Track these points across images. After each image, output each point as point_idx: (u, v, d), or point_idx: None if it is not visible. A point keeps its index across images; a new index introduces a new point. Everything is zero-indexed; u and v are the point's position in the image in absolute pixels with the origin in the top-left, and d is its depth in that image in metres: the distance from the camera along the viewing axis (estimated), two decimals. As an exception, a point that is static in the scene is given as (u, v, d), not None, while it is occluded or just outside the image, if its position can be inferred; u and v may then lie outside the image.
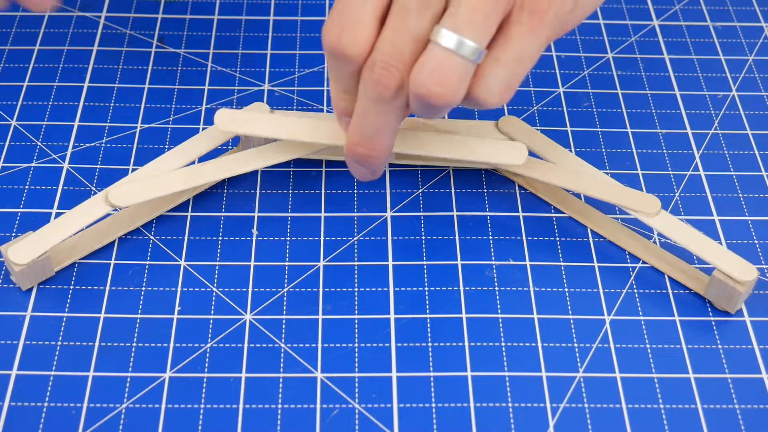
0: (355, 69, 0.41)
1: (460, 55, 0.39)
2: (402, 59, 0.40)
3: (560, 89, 0.58)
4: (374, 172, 0.45)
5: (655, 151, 0.55)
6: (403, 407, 0.44)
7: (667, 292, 0.48)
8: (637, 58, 0.60)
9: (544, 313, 0.47)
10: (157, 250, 0.49)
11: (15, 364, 0.44)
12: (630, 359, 0.46)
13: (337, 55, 0.41)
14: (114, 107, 0.55)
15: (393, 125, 0.42)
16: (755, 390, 0.45)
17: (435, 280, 0.48)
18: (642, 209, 0.48)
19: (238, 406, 0.43)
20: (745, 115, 0.57)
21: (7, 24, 0.60)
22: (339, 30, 0.40)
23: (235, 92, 0.57)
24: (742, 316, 0.47)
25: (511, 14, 0.40)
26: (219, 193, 0.52)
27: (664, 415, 0.44)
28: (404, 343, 0.46)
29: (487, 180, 0.53)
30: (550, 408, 0.44)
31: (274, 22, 0.61)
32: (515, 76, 0.40)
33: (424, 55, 0.39)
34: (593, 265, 0.49)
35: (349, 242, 0.50)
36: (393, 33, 0.40)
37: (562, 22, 0.41)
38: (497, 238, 0.50)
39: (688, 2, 0.64)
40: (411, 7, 0.39)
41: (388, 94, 0.40)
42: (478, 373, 0.45)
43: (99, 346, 0.45)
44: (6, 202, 0.50)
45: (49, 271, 0.47)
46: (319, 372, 0.45)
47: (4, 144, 0.53)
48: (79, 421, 0.42)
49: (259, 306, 0.47)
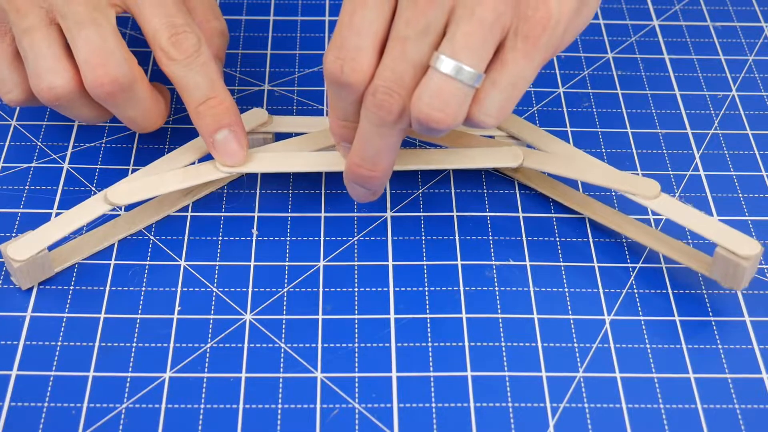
0: (357, 97, 0.43)
1: (459, 80, 0.40)
2: (403, 84, 0.41)
3: (560, 89, 0.58)
4: (374, 193, 0.47)
5: (655, 151, 0.55)
6: (403, 407, 0.44)
7: (667, 292, 0.48)
8: (637, 58, 0.60)
9: (544, 313, 0.47)
10: (157, 250, 0.49)
11: (15, 364, 0.44)
12: (630, 359, 0.46)
13: (340, 84, 0.42)
14: (114, 107, 0.55)
15: (394, 147, 0.44)
16: (755, 390, 0.45)
17: (435, 280, 0.48)
18: (641, 192, 0.47)
19: (238, 406, 0.43)
20: (745, 115, 0.57)
21: (7, 24, 0.60)
22: (341, 60, 0.41)
23: (235, 92, 0.57)
24: (742, 316, 0.47)
25: (506, 39, 0.41)
26: (219, 193, 0.52)
27: (664, 415, 0.44)
28: (404, 343, 0.46)
29: (487, 180, 0.53)
30: (550, 408, 0.44)
31: (274, 22, 0.61)
32: (511, 99, 0.42)
33: (424, 81, 0.41)
34: (593, 265, 0.49)
35: (349, 242, 0.50)
36: (393, 60, 0.41)
37: (555, 45, 0.42)
38: (497, 238, 0.50)
39: (688, 2, 0.64)
40: (410, 35, 0.41)
41: (390, 119, 0.42)
42: (478, 373, 0.45)
43: (99, 346, 0.45)
44: (6, 202, 0.50)
45: (48, 270, 0.47)
46: (319, 372, 0.45)
47: (4, 144, 0.53)
48: (79, 421, 0.43)
49: (259, 306, 0.47)
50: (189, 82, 0.47)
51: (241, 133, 0.48)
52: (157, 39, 0.47)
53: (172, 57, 0.47)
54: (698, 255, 0.48)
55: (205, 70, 0.47)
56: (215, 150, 0.48)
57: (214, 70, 0.48)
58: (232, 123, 0.48)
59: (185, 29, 0.47)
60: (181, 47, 0.47)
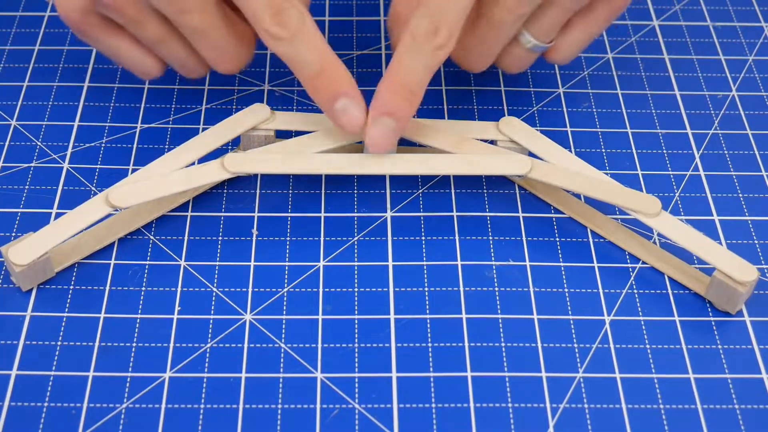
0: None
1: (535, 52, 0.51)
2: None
3: (560, 89, 0.58)
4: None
5: (655, 151, 0.55)
6: (403, 407, 0.44)
7: (667, 292, 0.48)
8: (637, 58, 0.60)
9: (544, 313, 0.47)
10: (157, 250, 0.49)
11: (15, 364, 0.44)
12: (630, 359, 0.46)
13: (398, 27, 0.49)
14: (114, 107, 0.55)
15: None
16: (755, 390, 0.45)
17: (435, 280, 0.48)
18: (642, 210, 0.48)
19: (238, 406, 0.43)
20: (745, 115, 0.57)
21: (7, 24, 0.60)
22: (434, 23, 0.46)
23: (235, 92, 0.57)
24: (742, 316, 0.47)
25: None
26: (219, 193, 0.52)
27: (664, 416, 0.44)
28: (404, 343, 0.46)
29: (487, 180, 0.53)
30: (550, 408, 0.44)
31: (274, 22, 0.61)
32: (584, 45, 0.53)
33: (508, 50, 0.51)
34: (593, 265, 0.49)
35: (349, 242, 0.50)
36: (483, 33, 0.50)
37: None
38: (497, 238, 0.50)
39: (688, 2, 0.64)
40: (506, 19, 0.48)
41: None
42: (478, 373, 0.45)
43: (99, 346, 0.45)
44: (6, 202, 0.50)
45: (49, 271, 0.47)
46: (319, 372, 0.45)
47: (4, 144, 0.53)
48: (79, 421, 0.43)
49: (259, 306, 0.47)
50: (299, 57, 0.46)
51: (359, 97, 0.47)
52: (259, 20, 0.45)
53: (278, 36, 0.46)
54: (697, 275, 0.48)
55: (314, 42, 0.46)
56: (337, 119, 0.47)
57: (320, 40, 0.46)
58: (349, 90, 0.47)
59: (286, 5, 0.45)
60: (285, 25, 0.45)
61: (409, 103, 0.46)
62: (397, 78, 0.46)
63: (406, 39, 0.46)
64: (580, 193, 0.50)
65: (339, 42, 0.60)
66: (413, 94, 0.46)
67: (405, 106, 0.46)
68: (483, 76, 0.58)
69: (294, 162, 0.49)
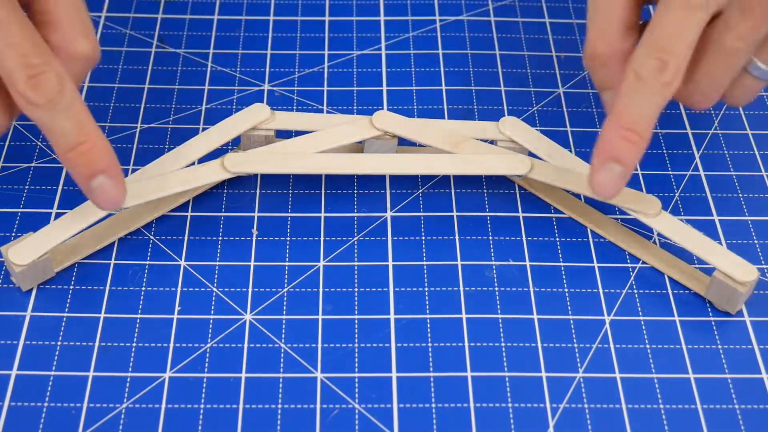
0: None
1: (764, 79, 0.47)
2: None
3: (560, 89, 0.58)
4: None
5: (655, 151, 0.55)
6: (403, 407, 0.44)
7: (667, 292, 0.48)
8: (637, 58, 0.60)
9: (544, 313, 0.47)
10: (157, 250, 0.49)
11: (15, 364, 0.44)
12: (630, 359, 0.46)
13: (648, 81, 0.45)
14: (114, 107, 0.55)
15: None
16: (755, 390, 0.45)
17: (435, 280, 0.48)
18: (642, 210, 0.48)
19: (238, 406, 0.43)
20: (745, 115, 0.57)
21: (7, 24, 0.60)
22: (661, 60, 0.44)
23: (235, 92, 0.57)
24: (742, 316, 0.47)
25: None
26: (219, 193, 0.52)
27: (664, 416, 0.44)
28: (404, 343, 0.46)
29: (487, 180, 0.53)
30: (550, 408, 0.44)
31: (274, 22, 0.61)
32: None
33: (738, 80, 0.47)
34: (593, 265, 0.49)
35: (349, 242, 0.50)
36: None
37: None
38: (497, 238, 0.50)
39: (688, 2, 0.64)
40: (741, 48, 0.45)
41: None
42: (478, 373, 0.45)
43: (99, 346, 0.45)
44: (6, 202, 0.50)
45: (49, 271, 0.47)
46: (319, 372, 0.45)
47: (4, 144, 0.53)
48: (79, 421, 0.43)
49: (259, 306, 0.47)
50: (55, 127, 0.43)
51: (118, 176, 0.44)
52: (14, 81, 0.42)
53: (33, 101, 0.42)
54: (696, 275, 0.48)
55: (72, 112, 0.43)
56: (94, 197, 0.44)
57: (81, 109, 0.43)
58: (107, 167, 0.44)
59: (44, 68, 0.42)
60: (41, 90, 0.42)
61: (636, 146, 0.44)
62: (623, 121, 0.44)
63: (630, 79, 0.43)
64: (580, 193, 0.50)
65: (339, 42, 0.60)
66: (641, 137, 0.44)
67: (632, 150, 0.44)
68: (483, 76, 0.58)
69: (294, 162, 0.49)
